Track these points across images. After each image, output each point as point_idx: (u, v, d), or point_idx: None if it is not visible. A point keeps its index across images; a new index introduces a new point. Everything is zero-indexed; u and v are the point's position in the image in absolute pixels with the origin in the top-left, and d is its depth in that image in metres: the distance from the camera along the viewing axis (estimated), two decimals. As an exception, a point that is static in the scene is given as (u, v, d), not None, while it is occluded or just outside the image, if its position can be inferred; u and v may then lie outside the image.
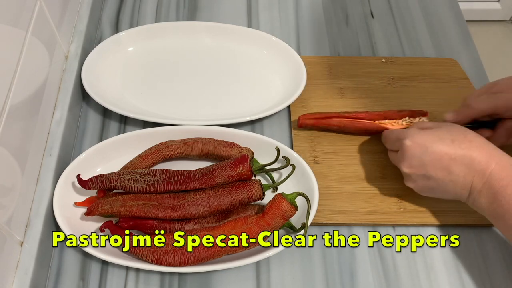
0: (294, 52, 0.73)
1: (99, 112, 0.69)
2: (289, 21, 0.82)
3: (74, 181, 0.59)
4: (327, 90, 0.71)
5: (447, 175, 0.53)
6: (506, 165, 0.51)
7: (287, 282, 0.56)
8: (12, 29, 0.52)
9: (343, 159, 0.65)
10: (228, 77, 0.73)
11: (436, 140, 0.54)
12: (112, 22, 0.80)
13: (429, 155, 0.54)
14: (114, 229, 0.54)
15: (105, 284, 0.56)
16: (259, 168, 0.59)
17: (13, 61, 0.51)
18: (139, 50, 0.75)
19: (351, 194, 0.62)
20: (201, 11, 0.82)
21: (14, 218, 0.51)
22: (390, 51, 0.78)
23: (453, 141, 0.53)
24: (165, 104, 0.69)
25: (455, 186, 0.54)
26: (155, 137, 0.63)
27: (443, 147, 0.53)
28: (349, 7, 0.84)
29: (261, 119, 0.69)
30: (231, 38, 0.76)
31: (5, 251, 0.49)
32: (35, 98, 0.57)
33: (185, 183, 0.56)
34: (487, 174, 0.51)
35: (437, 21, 0.83)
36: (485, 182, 0.52)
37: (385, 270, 0.57)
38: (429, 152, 0.54)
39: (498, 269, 0.58)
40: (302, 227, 0.55)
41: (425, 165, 0.54)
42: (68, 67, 0.68)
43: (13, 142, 0.51)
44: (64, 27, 0.67)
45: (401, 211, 0.59)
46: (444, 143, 0.53)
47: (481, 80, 0.75)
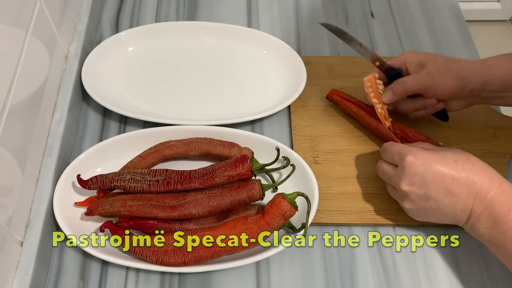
0: (294, 52, 0.73)
1: (99, 112, 0.69)
2: (289, 21, 0.82)
3: (74, 181, 0.59)
4: (327, 90, 0.71)
5: (447, 196, 0.52)
6: (507, 190, 0.50)
7: (287, 282, 0.56)
8: (12, 29, 0.52)
9: (343, 159, 0.65)
10: (228, 77, 0.73)
11: (439, 159, 0.52)
12: (112, 22, 0.80)
13: (431, 174, 0.52)
14: (114, 229, 0.54)
15: (105, 284, 0.56)
16: (259, 168, 0.59)
17: (13, 61, 0.51)
18: (139, 50, 0.75)
19: (351, 194, 0.62)
20: (201, 11, 0.82)
21: (14, 218, 0.51)
22: (390, 51, 0.78)
23: (456, 161, 0.52)
24: (165, 104, 0.69)
25: (455, 208, 0.52)
26: (155, 137, 0.63)
27: (446, 167, 0.52)
28: (349, 7, 0.84)
29: (261, 119, 0.69)
30: (231, 38, 0.76)
31: (5, 251, 0.49)
32: (35, 98, 0.57)
33: (185, 183, 0.56)
34: (488, 199, 0.50)
35: (437, 21, 0.83)
36: (486, 206, 0.50)
37: (385, 270, 0.57)
38: (431, 171, 0.52)
39: (498, 269, 0.58)
40: (302, 227, 0.55)
41: (426, 184, 0.52)
42: (68, 67, 0.68)
43: (13, 142, 0.51)
44: (64, 27, 0.67)
45: (401, 211, 0.59)
46: (447, 163, 0.52)
47: (481, 80, 0.75)
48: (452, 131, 0.68)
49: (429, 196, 0.53)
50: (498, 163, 0.64)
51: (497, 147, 0.66)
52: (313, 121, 0.68)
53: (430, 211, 0.54)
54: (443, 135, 0.67)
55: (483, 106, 0.70)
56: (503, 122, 0.69)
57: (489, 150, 0.66)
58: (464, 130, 0.68)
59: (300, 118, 0.69)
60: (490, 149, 0.66)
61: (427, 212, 0.54)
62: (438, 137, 0.67)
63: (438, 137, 0.67)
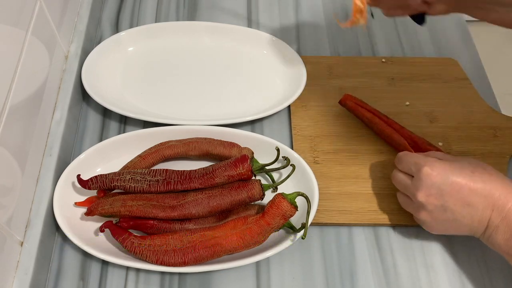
0: (294, 52, 0.73)
1: (99, 112, 0.69)
2: (289, 21, 0.82)
3: (74, 181, 0.59)
4: (327, 90, 0.71)
5: (465, 207, 0.51)
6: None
7: (287, 282, 0.56)
8: (12, 29, 0.52)
9: (343, 159, 0.65)
10: (228, 77, 0.73)
11: (456, 170, 0.51)
12: (112, 22, 0.80)
13: (449, 185, 0.51)
14: (114, 229, 0.54)
15: (105, 284, 0.56)
16: (259, 168, 0.59)
17: (13, 61, 0.51)
18: (139, 50, 0.75)
19: (351, 194, 0.62)
20: (201, 11, 0.82)
21: (14, 218, 0.51)
22: (390, 51, 0.78)
23: (473, 172, 0.51)
24: (165, 104, 0.69)
25: (472, 219, 0.51)
26: (155, 137, 0.63)
27: (463, 178, 0.51)
28: (349, 7, 0.84)
29: (261, 119, 0.69)
30: (231, 38, 0.76)
31: (5, 251, 0.49)
32: (35, 98, 0.57)
33: (185, 183, 0.56)
34: (506, 210, 0.49)
35: (437, 21, 0.83)
36: (503, 217, 0.50)
37: (385, 270, 0.57)
38: (449, 181, 0.51)
39: (498, 269, 0.58)
40: (302, 227, 0.55)
41: (443, 195, 0.51)
42: (68, 67, 0.68)
43: (13, 142, 0.51)
44: (64, 27, 0.67)
45: (401, 211, 0.59)
46: (464, 174, 0.51)
47: (481, 80, 0.75)
48: (452, 131, 0.68)
49: (446, 207, 0.52)
50: (498, 163, 0.64)
51: (497, 147, 0.66)
52: (313, 121, 0.68)
53: (446, 222, 0.53)
54: (443, 135, 0.67)
55: (483, 106, 0.70)
56: (503, 122, 0.69)
57: (489, 150, 0.66)
58: (464, 130, 0.68)
59: (300, 118, 0.69)
60: (490, 149, 0.66)
61: (444, 224, 0.54)
62: (438, 137, 0.67)
63: (438, 137, 0.67)
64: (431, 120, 0.68)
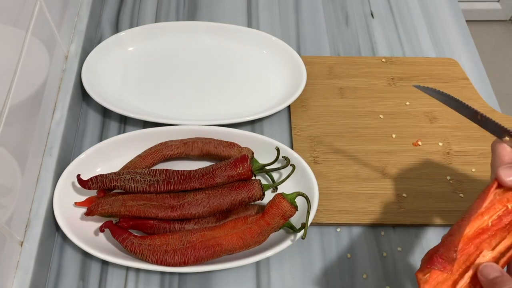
0: (294, 52, 0.73)
1: (99, 112, 0.69)
2: (289, 21, 0.82)
3: (74, 181, 0.59)
4: (327, 90, 0.71)
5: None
6: None
7: (287, 282, 0.56)
8: (12, 29, 0.52)
9: (343, 159, 0.65)
10: (228, 77, 0.73)
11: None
12: (112, 22, 0.80)
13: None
14: (114, 229, 0.54)
15: (105, 284, 0.56)
16: (259, 168, 0.59)
17: (13, 61, 0.51)
18: (139, 50, 0.75)
19: (351, 194, 0.62)
20: (201, 11, 0.82)
21: (14, 218, 0.51)
22: (390, 51, 0.78)
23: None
24: (165, 104, 0.69)
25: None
26: (155, 137, 0.63)
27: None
28: (349, 7, 0.84)
29: (261, 119, 0.69)
30: (231, 38, 0.76)
31: (5, 251, 0.49)
32: (35, 98, 0.57)
33: (185, 183, 0.56)
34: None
35: (437, 21, 0.83)
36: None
37: (385, 270, 0.57)
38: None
39: (498, 269, 0.58)
40: (302, 227, 0.55)
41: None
42: (68, 67, 0.68)
43: (13, 142, 0.51)
44: (64, 27, 0.67)
45: (401, 211, 0.59)
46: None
47: (481, 80, 0.75)
48: (452, 131, 0.68)
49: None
50: (498, 163, 0.64)
51: (497, 147, 0.66)
52: (313, 121, 0.68)
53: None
54: (443, 135, 0.67)
55: (483, 106, 0.70)
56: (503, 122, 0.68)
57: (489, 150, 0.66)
58: (464, 130, 0.68)
59: (300, 118, 0.69)
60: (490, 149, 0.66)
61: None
62: (438, 137, 0.67)
63: (438, 137, 0.67)
64: (431, 120, 0.69)
